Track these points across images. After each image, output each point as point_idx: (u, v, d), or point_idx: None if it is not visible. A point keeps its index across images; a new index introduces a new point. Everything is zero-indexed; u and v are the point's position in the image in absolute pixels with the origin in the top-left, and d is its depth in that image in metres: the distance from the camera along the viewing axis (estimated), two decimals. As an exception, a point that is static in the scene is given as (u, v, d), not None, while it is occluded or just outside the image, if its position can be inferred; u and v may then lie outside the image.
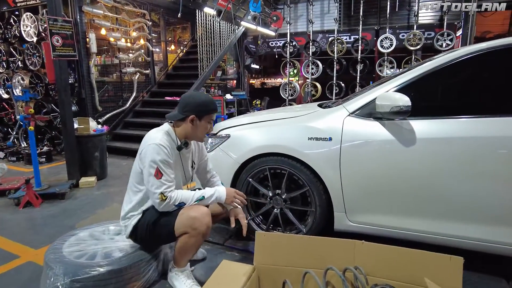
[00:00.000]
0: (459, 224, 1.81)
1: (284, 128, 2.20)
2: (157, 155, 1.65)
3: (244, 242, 2.37)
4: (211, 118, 1.81)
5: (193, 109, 1.74)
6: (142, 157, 1.70)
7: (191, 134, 1.80)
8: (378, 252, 1.47)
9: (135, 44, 6.61)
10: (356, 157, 1.98)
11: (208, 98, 1.80)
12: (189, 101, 1.75)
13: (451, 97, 2.01)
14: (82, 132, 4.01)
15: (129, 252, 1.77)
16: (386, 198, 1.95)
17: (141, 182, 1.75)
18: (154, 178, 1.64)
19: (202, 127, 1.78)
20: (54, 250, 1.80)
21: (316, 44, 9.00)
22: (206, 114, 1.77)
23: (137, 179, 1.78)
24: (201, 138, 1.86)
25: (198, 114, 1.75)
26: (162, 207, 1.67)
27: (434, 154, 1.81)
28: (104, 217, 2.83)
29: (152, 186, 1.65)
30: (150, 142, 1.68)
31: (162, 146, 1.67)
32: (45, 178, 4.15)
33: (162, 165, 1.65)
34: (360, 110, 2.01)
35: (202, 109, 1.75)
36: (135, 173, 1.78)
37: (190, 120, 1.75)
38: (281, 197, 2.24)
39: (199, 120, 1.76)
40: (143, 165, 1.70)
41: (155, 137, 1.70)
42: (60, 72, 3.54)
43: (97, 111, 5.89)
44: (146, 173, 1.67)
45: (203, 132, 1.81)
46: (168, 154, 1.68)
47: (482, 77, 1.97)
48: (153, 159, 1.64)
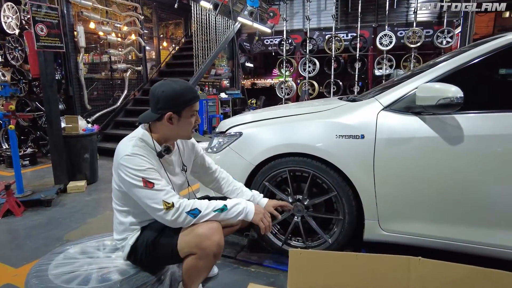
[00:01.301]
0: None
1: (307, 124, 1.93)
2: (134, 166, 1.30)
3: (258, 255, 2.09)
4: (193, 109, 1.42)
5: (168, 104, 1.36)
6: (119, 177, 1.35)
7: (173, 135, 1.46)
8: (439, 270, 1.21)
9: (126, 39, 6.25)
10: (392, 157, 1.72)
11: (183, 85, 1.40)
12: (160, 95, 1.36)
13: (506, 88, 1.77)
14: (70, 132, 3.66)
15: (131, 274, 1.46)
16: (427, 203, 1.70)
17: (126, 200, 1.42)
18: (145, 190, 1.30)
19: (184, 124, 1.42)
20: (38, 272, 1.48)
21: (313, 41, 8.78)
22: (185, 106, 1.38)
23: (119, 197, 1.44)
24: (187, 136, 1.50)
25: (175, 109, 1.37)
26: (173, 219, 1.32)
27: (488, 154, 1.57)
28: (97, 227, 2.52)
29: (148, 200, 1.30)
30: (120, 156, 1.33)
31: (135, 155, 1.31)
32: (28, 182, 3.80)
33: (146, 174, 1.31)
34: (396, 104, 1.75)
35: (179, 101, 1.37)
36: (115, 192, 1.45)
37: (168, 118, 1.38)
38: (303, 203, 1.96)
39: (179, 116, 1.39)
40: (125, 187, 1.35)
41: (125, 149, 1.34)
42: (45, 65, 3.19)
43: (86, 109, 5.52)
44: (134, 192, 1.32)
45: (187, 129, 1.45)
46: (146, 161, 1.33)
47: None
48: (132, 173, 1.30)
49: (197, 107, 1.45)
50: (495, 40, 1.67)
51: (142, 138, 1.39)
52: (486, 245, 1.63)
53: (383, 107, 1.77)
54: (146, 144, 1.39)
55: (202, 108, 7.34)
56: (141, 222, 1.46)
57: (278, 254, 2.05)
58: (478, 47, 1.67)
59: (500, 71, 1.72)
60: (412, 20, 7.89)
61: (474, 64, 1.66)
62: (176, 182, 1.55)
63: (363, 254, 1.25)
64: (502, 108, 1.60)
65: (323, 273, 1.23)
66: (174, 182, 1.52)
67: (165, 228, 1.40)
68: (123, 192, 1.39)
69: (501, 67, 1.70)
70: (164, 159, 1.46)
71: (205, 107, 7.44)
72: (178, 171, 1.58)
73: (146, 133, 1.42)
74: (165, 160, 1.47)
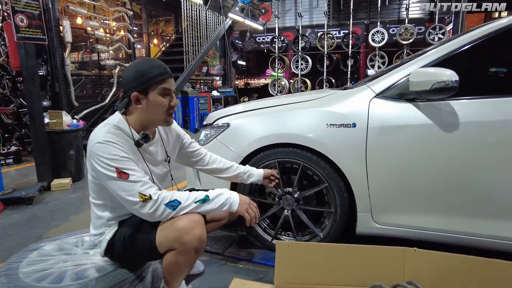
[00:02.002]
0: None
1: (297, 114, 1.85)
2: (107, 155, 1.19)
3: (247, 251, 2.00)
4: (164, 88, 1.26)
5: (133, 83, 1.24)
6: (92, 167, 1.24)
7: (148, 120, 1.31)
8: (435, 261, 1.14)
9: (115, 35, 6.12)
10: (385, 146, 1.65)
11: (150, 63, 1.27)
12: (126, 76, 1.26)
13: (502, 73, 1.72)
14: (54, 128, 3.53)
15: (108, 271, 1.36)
16: (422, 194, 1.64)
17: (102, 193, 1.32)
18: (119, 181, 1.19)
19: (154, 105, 1.27)
20: (8, 270, 1.37)
21: (305, 39, 8.73)
22: (151, 84, 1.24)
23: (94, 190, 1.34)
24: (162, 119, 1.33)
25: (140, 88, 1.24)
26: (151, 212, 1.21)
27: (485, 141, 1.51)
28: (79, 225, 2.40)
29: (123, 192, 1.19)
30: (92, 143, 1.22)
31: (107, 142, 1.20)
32: (11, 181, 3.66)
33: (120, 164, 1.19)
34: (389, 91, 1.68)
35: (143, 79, 1.23)
36: (90, 184, 1.34)
37: (135, 100, 1.25)
38: (293, 196, 1.88)
39: (145, 95, 1.25)
40: (98, 177, 1.24)
41: (97, 136, 1.23)
42: (26, 58, 3.06)
43: (73, 107, 5.38)
44: (108, 184, 1.22)
45: (160, 111, 1.29)
46: (120, 149, 1.22)
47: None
48: (104, 162, 1.19)
49: (169, 85, 1.29)
50: (491, 23, 1.61)
51: (117, 125, 1.27)
52: (483, 237, 1.56)
53: (375, 94, 1.70)
54: (121, 132, 1.28)
55: (193, 106, 7.23)
56: (119, 217, 1.36)
57: (267, 250, 1.97)
58: (474, 31, 1.61)
59: (496, 55, 1.66)
60: (404, 17, 7.90)
61: (469, 48, 1.59)
62: (157, 172, 1.44)
63: (355, 245, 1.17)
64: (498, 93, 1.54)
65: (313, 266, 1.15)
66: (154, 172, 1.42)
67: (143, 222, 1.30)
68: (98, 184, 1.29)
69: (497, 51, 1.64)
70: (143, 148, 1.35)
71: (196, 104, 7.33)
72: (160, 161, 1.48)
73: (122, 120, 1.30)
74: (144, 149, 1.36)
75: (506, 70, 1.71)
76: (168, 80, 1.28)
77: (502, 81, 1.65)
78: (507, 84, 1.61)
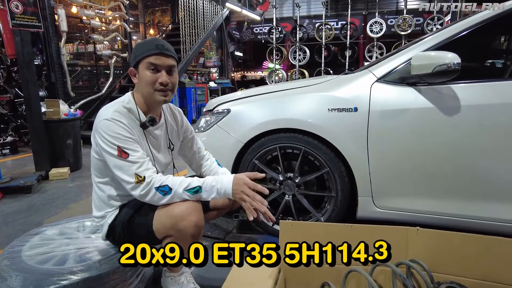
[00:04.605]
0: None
1: (298, 99, 1.84)
2: (112, 132, 1.20)
3: (248, 236, 2.01)
4: (150, 62, 1.25)
5: (132, 59, 1.33)
6: (96, 142, 1.26)
7: (142, 95, 1.32)
8: (437, 240, 1.15)
9: (111, 25, 6.04)
10: (386, 131, 1.65)
11: (148, 40, 1.34)
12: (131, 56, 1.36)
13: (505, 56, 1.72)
14: (51, 117, 3.49)
15: (111, 254, 1.37)
16: (423, 178, 1.65)
17: (105, 170, 1.31)
18: (119, 160, 1.20)
19: (142, 79, 1.27)
20: (11, 254, 1.38)
21: (303, 29, 8.68)
22: (141, 58, 1.25)
23: (97, 167, 1.34)
24: (150, 95, 1.29)
25: (134, 63, 1.29)
26: (142, 194, 1.20)
27: (486, 125, 1.51)
28: (79, 212, 2.40)
29: (120, 171, 1.21)
30: (99, 119, 1.24)
31: (114, 120, 1.22)
32: (8, 171, 3.63)
33: (122, 143, 1.21)
34: (390, 75, 1.68)
35: (136, 53, 1.28)
36: (93, 160, 1.35)
37: (131, 75, 1.34)
38: (294, 181, 1.89)
39: (137, 69, 1.29)
40: (100, 153, 1.25)
41: (105, 113, 1.25)
42: (22, 45, 3.02)
43: (69, 97, 5.31)
44: (108, 160, 1.23)
45: (147, 86, 1.27)
46: (126, 129, 1.23)
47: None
48: (108, 139, 1.20)
49: (157, 61, 1.26)
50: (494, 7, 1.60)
51: (126, 106, 1.29)
52: (484, 219, 1.58)
53: (376, 78, 1.70)
54: (129, 112, 1.29)
55: (190, 97, 7.19)
56: (120, 196, 1.35)
57: (268, 235, 1.98)
58: (476, 15, 1.61)
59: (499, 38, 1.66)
60: (402, 7, 7.86)
61: (471, 32, 1.59)
62: (161, 160, 1.44)
63: (358, 225, 1.17)
64: (500, 77, 1.55)
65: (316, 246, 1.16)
66: (157, 159, 1.41)
67: (142, 206, 1.30)
68: (102, 160, 1.28)
69: (501, 34, 1.64)
70: (148, 131, 1.35)
71: (193, 95, 7.29)
72: (163, 148, 1.47)
73: (131, 100, 1.33)
74: (149, 132, 1.37)
75: (508, 53, 1.71)
76: (157, 56, 1.25)
77: (504, 65, 1.65)
78: (509, 67, 1.61)
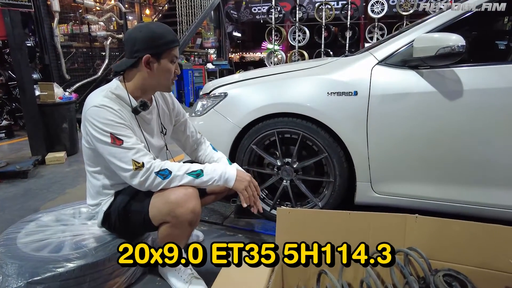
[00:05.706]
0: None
1: (296, 82, 1.79)
2: (102, 119, 1.15)
3: (246, 221, 2.01)
4: (173, 55, 1.25)
5: (146, 45, 1.18)
6: (86, 131, 1.21)
7: (152, 85, 1.27)
8: (436, 227, 1.14)
9: (105, 5, 5.86)
10: (387, 115, 1.62)
11: (162, 26, 1.24)
12: (137, 36, 1.19)
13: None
14: (45, 100, 3.43)
15: (107, 241, 1.36)
16: (423, 163, 1.62)
17: (96, 158, 1.28)
18: (113, 147, 1.16)
19: (164, 70, 1.24)
20: (6, 241, 1.37)
21: (303, 9, 8.46)
22: (166, 48, 1.21)
23: (89, 156, 1.30)
24: (167, 86, 1.31)
25: (154, 51, 1.20)
26: (142, 180, 1.17)
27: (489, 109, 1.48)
28: (76, 198, 2.38)
29: (115, 159, 1.16)
30: (88, 107, 1.18)
31: (104, 107, 1.16)
32: (4, 155, 3.61)
33: (115, 129, 1.16)
34: (392, 57, 1.62)
35: (159, 42, 1.19)
36: (85, 150, 1.30)
37: (145, 62, 1.20)
38: (292, 166, 1.87)
39: (158, 60, 1.21)
40: (91, 142, 1.22)
41: (93, 99, 1.19)
42: (12, 26, 2.92)
43: (64, 80, 5.22)
44: (101, 149, 1.18)
45: (167, 78, 1.26)
46: (117, 115, 1.18)
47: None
48: (99, 127, 1.15)
49: (177, 53, 1.29)
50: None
51: (115, 92, 1.23)
52: (483, 205, 1.57)
53: (377, 61, 1.64)
54: (118, 97, 1.23)
55: (187, 79, 7.09)
56: (114, 185, 1.33)
57: (266, 220, 1.98)
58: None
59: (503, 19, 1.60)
60: (404, -14, 7.62)
61: (477, 13, 1.53)
62: (153, 143, 1.40)
63: (356, 212, 1.16)
64: (504, 60, 1.50)
65: (315, 233, 1.15)
66: (151, 143, 1.37)
67: (137, 193, 1.27)
68: (93, 149, 1.25)
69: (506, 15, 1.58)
70: (140, 116, 1.31)
71: (191, 77, 7.18)
72: (156, 133, 1.44)
73: (120, 86, 1.25)
74: (141, 117, 1.32)
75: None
76: (176, 48, 1.27)
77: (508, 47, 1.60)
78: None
